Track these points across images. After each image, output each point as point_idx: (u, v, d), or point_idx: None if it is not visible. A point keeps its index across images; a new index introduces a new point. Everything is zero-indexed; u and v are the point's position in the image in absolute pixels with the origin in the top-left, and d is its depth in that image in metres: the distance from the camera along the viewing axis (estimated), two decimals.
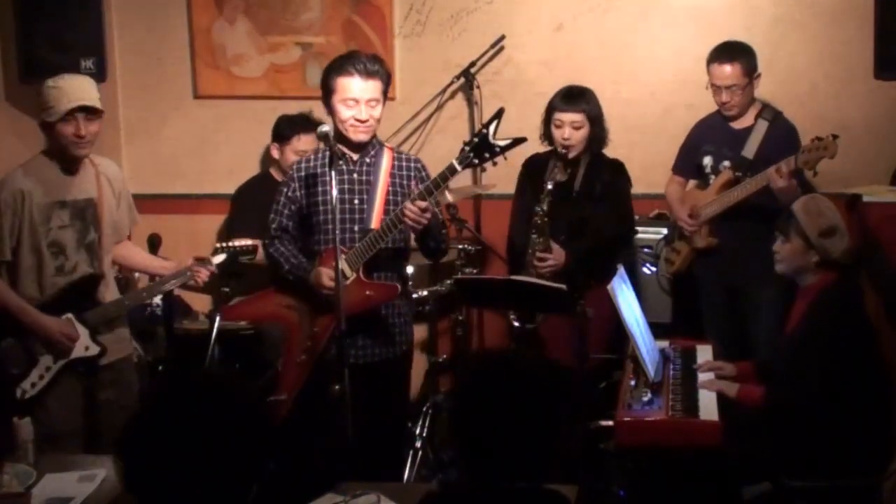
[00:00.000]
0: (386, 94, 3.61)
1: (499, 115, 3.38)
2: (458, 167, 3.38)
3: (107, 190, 3.72)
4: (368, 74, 3.51)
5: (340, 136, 3.58)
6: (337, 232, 3.32)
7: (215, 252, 3.82)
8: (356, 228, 3.60)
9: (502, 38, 5.05)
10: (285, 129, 4.52)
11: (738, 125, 4.35)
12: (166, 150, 5.40)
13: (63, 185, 3.60)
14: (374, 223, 3.56)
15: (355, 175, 3.61)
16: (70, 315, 3.61)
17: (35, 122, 3.65)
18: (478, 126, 5.04)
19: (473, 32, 5.10)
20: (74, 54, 4.57)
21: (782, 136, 4.22)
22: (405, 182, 3.66)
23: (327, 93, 3.57)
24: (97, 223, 3.67)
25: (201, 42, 5.26)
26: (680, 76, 5.00)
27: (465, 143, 3.39)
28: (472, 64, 5.04)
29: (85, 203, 3.64)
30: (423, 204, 3.41)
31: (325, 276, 3.55)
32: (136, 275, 4.49)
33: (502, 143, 3.36)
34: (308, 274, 3.61)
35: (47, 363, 3.57)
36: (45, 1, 4.52)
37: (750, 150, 4.27)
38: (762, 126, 4.28)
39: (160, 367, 4.46)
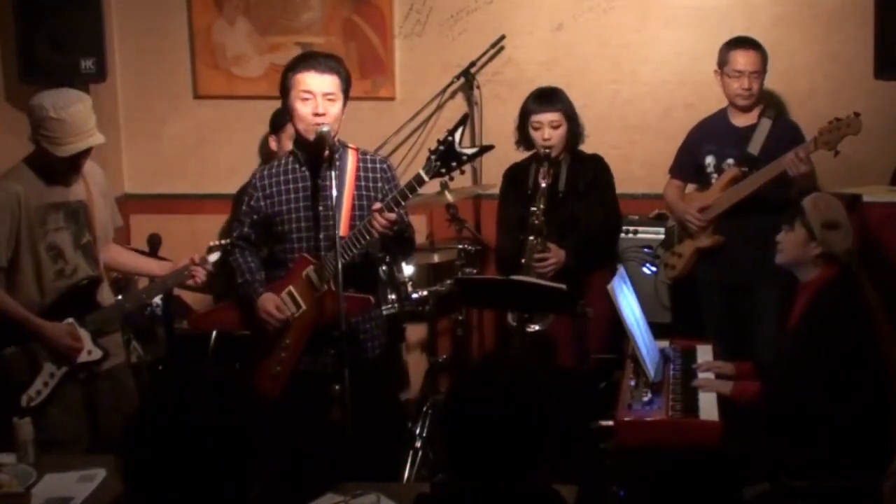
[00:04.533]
0: (346, 94, 3.50)
1: (463, 121, 3.32)
2: (426, 177, 3.31)
3: (95, 192, 3.67)
4: (323, 69, 3.43)
5: (302, 142, 3.52)
6: (322, 240, 3.28)
7: (210, 250, 3.73)
8: (321, 236, 3.49)
9: (502, 38, 5.05)
10: (279, 118, 4.50)
11: (740, 123, 4.36)
12: (166, 150, 5.40)
13: (54, 187, 3.55)
14: (342, 230, 3.45)
15: (320, 181, 3.45)
16: (71, 319, 3.56)
17: None
18: (478, 126, 5.06)
19: (473, 32, 5.10)
20: (74, 54, 4.57)
21: (787, 133, 4.24)
22: (371, 185, 3.57)
23: (285, 93, 3.49)
24: (90, 225, 3.63)
25: (201, 42, 5.26)
26: (680, 76, 5.00)
27: (431, 152, 3.32)
28: (472, 64, 5.04)
29: (77, 205, 3.60)
30: (391, 216, 3.34)
31: (272, 304, 3.49)
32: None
33: (469, 151, 3.29)
34: (257, 294, 3.53)
35: (51, 370, 3.53)
36: (45, 1, 4.52)
37: (755, 146, 4.28)
38: (766, 124, 4.30)
39: (160, 367, 4.46)
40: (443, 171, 3.31)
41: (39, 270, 3.54)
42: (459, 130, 3.29)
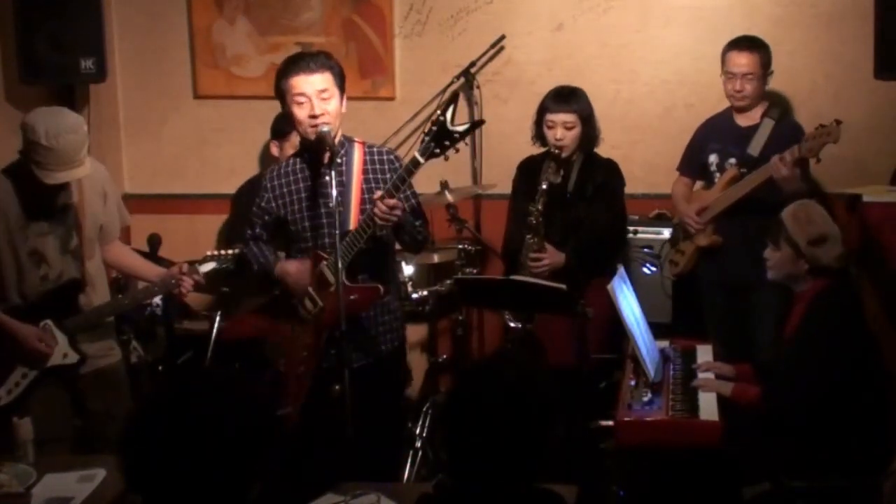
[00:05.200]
0: (342, 89, 3.48)
1: (454, 100, 3.31)
2: (421, 159, 3.28)
3: (88, 192, 3.61)
4: (311, 68, 3.41)
5: (305, 143, 3.52)
6: (326, 238, 3.31)
7: (204, 260, 3.72)
8: (334, 233, 3.44)
9: (502, 38, 5.05)
10: (283, 126, 4.50)
11: (744, 123, 4.36)
12: (166, 150, 5.40)
13: (40, 192, 3.46)
14: (352, 225, 3.45)
15: (326, 178, 3.42)
16: (48, 322, 3.52)
17: None
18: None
19: (473, 32, 5.10)
20: (74, 54, 4.57)
21: (789, 134, 4.23)
22: (379, 177, 3.55)
23: (282, 100, 3.49)
24: (78, 228, 3.58)
25: (201, 42, 5.26)
26: (680, 76, 5.00)
27: (425, 134, 3.30)
28: (472, 64, 5.04)
29: (64, 208, 3.54)
30: (391, 202, 3.31)
31: (294, 267, 3.53)
32: None
33: (461, 128, 3.25)
34: (273, 267, 3.58)
35: (23, 371, 3.50)
36: (45, 1, 4.52)
37: (755, 147, 4.28)
38: (768, 124, 4.30)
39: (160, 367, 4.46)
40: (437, 151, 3.28)
41: (21, 275, 3.51)
42: (451, 109, 3.27)
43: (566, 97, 4.15)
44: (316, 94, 3.41)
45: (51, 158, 3.32)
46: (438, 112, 3.29)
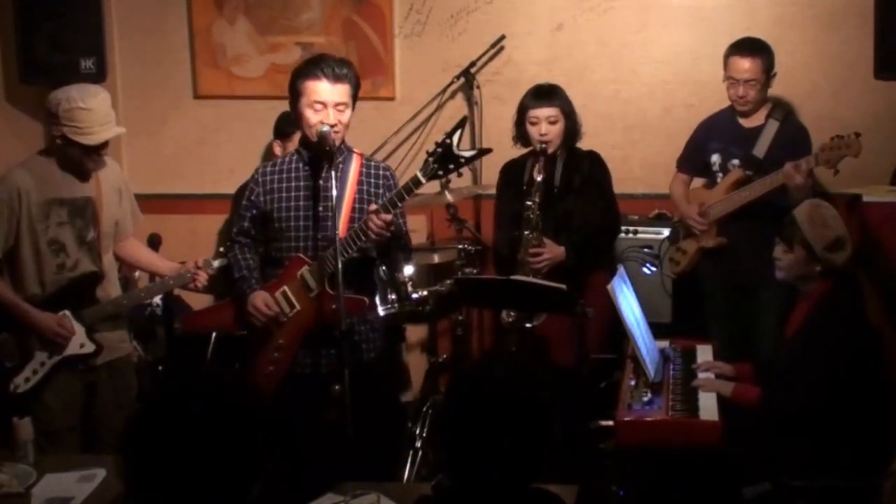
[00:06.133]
0: (355, 99, 3.50)
1: (462, 124, 3.32)
2: (423, 180, 3.30)
3: (106, 188, 3.73)
4: (337, 78, 3.41)
5: (308, 142, 3.52)
6: (311, 241, 3.32)
7: (217, 256, 3.80)
8: (319, 236, 3.49)
9: (502, 38, 5.05)
10: (287, 126, 4.51)
11: (747, 124, 4.35)
12: (166, 150, 5.40)
13: (61, 183, 3.61)
14: (340, 232, 3.41)
15: (321, 182, 3.45)
16: (66, 312, 3.63)
17: (34, 122, 3.66)
18: (477, 127, 5.06)
19: (473, 32, 5.10)
20: (74, 54, 4.58)
21: (793, 136, 4.22)
22: (372, 190, 3.55)
23: (294, 97, 3.48)
24: (96, 221, 3.68)
25: (201, 42, 5.26)
26: (680, 76, 5.00)
27: (429, 154, 3.31)
28: (472, 64, 5.04)
29: (83, 201, 3.66)
30: (387, 217, 3.32)
31: (261, 300, 3.49)
32: (137, 274, 4.50)
33: (466, 154, 3.28)
34: (251, 290, 3.54)
35: (42, 359, 3.60)
36: (45, 1, 4.53)
37: (760, 149, 4.27)
38: (773, 126, 4.29)
39: (160, 367, 4.46)
40: (440, 173, 3.31)
41: (40, 264, 3.60)
42: (458, 133, 3.29)
43: (546, 93, 4.17)
44: (333, 104, 3.42)
45: (90, 120, 3.49)
46: (445, 134, 3.30)
